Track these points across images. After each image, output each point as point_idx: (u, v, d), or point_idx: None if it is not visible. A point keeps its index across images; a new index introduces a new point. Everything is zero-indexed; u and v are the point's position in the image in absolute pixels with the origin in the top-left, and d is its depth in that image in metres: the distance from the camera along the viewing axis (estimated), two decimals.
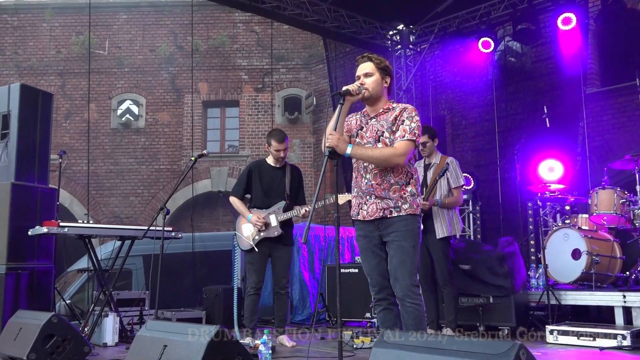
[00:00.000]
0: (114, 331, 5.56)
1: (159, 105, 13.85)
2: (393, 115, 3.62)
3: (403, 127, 3.55)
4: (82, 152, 13.18)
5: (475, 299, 5.99)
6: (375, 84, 3.62)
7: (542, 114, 7.61)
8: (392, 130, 3.59)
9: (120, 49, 13.99)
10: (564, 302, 5.93)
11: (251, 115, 13.77)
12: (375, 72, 3.63)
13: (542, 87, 9.16)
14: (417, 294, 3.45)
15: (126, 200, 13.46)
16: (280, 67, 13.91)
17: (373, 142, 3.61)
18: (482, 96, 10.05)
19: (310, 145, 13.63)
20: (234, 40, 14.07)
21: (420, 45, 10.23)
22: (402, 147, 3.51)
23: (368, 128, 3.67)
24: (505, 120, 9.59)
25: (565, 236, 6.28)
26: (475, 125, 10.24)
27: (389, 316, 3.59)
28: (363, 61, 3.67)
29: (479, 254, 6.10)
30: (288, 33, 13.92)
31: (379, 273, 3.58)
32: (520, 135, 8.98)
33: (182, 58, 13.87)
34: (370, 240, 3.62)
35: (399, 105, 3.67)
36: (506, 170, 9.08)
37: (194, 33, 13.53)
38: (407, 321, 3.43)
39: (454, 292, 5.58)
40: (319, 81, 13.64)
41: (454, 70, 10.45)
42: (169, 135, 13.74)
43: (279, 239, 5.39)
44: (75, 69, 13.83)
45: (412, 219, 3.55)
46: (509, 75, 9.68)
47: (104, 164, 13.53)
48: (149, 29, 14.11)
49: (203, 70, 13.87)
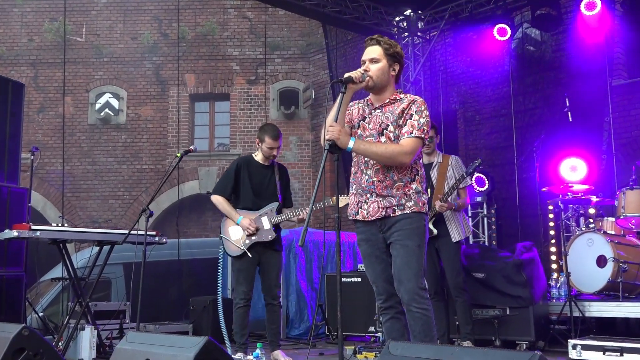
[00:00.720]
0: (91, 346, 5.53)
1: (141, 98, 13.85)
2: (400, 107, 3.61)
3: (411, 123, 3.54)
4: (56, 151, 13.18)
5: (490, 310, 5.98)
6: (380, 72, 3.60)
7: (563, 107, 7.61)
8: (397, 124, 3.58)
9: (99, 37, 14.00)
10: (588, 314, 5.92)
11: (243, 110, 13.78)
12: (383, 59, 3.61)
13: (564, 79, 9.16)
14: (424, 298, 3.44)
15: (105, 203, 13.45)
16: (275, 57, 13.92)
17: (376, 136, 3.60)
18: (498, 88, 10.06)
19: (309, 143, 13.64)
20: (224, 28, 14.09)
21: (429, 33, 10.25)
22: (409, 145, 3.50)
23: (371, 119, 3.66)
24: (523, 115, 9.59)
25: (590, 241, 6.27)
26: (490, 121, 10.24)
27: (396, 326, 3.58)
28: (370, 44, 3.66)
29: (495, 261, 6.10)
30: (284, 19, 13.93)
31: (385, 280, 3.57)
32: (539, 131, 8.99)
33: (167, 47, 13.88)
34: (373, 244, 3.61)
35: (407, 97, 3.65)
36: (524, 169, 9.09)
37: (180, 19, 13.54)
38: (414, 329, 3.42)
39: (468, 301, 5.60)
40: (318, 72, 13.66)
41: (467, 59, 10.47)
42: (152, 132, 13.75)
43: (271, 243, 5.38)
44: (49, 58, 13.83)
45: (417, 217, 3.55)
46: (527, 65, 9.69)
47: (80, 164, 13.53)
48: (130, 14, 14.13)
49: (190, 61, 13.88)
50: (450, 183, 5.69)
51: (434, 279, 5.59)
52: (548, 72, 9.45)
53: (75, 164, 13.48)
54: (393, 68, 3.65)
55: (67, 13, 13.14)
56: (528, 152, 8.74)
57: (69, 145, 13.33)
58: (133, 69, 13.90)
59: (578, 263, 6.27)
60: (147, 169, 13.59)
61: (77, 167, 13.50)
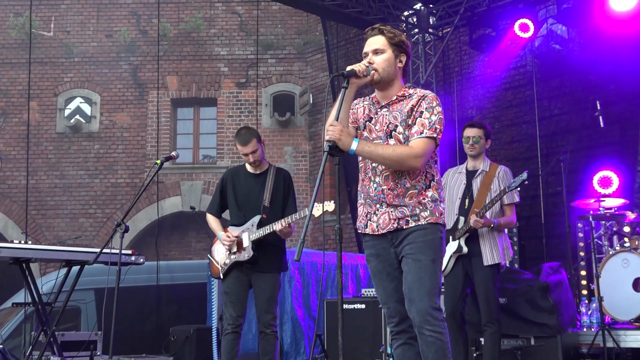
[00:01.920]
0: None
1: (116, 104, 13.90)
2: (409, 104, 3.61)
3: (421, 121, 3.55)
4: (20, 162, 13.20)
5: (513, 340, 5.96)
6: (386, 64, 3.61)
7: (594, 111, 7.62)
8: (407, 124, 3.58)
9: (69, 34, 14.08)
10: (623, 344, 5.91)
11: (232, 117, 13.81)
12: (388, 49, 3.63)
13: (594, 81, 9.19)
14: (438, 320, 3.42)
15: (74, 222, 13.44)
16: (268, 57, 13.99)
17: (384, 138, 3.60)
18: (520, 92, 10.10)
19: (306, 154, 13.66)
20: (210, 24, 14.17)
21: (442, 29, 10.29)
22: (419, 147, 3.50)
23: (377, 119, 3.67)
24: (548, 122, 9.62)
25: (625, 262, 6.27)
26: (511, 129, 10.27)
27: (408, 354, 3.57)
28: (373, 34, 3.67)
29: (517, 283, 6.08)
30: (278, 15, 14.02)
31: (397, 300, 3.56)
32: (567, 140, 9.01)
33: (145, 45, 13.95)
34: (384, 260, 3.60)
35: (416, 92, 3.66)
36: (550, 183, 9.09)
37: (161, 15, 13.63)
38: (426, 355, 3.40)
39: (498, 333, 5.45)
40: (317, 75, 13.72)
41: (484, 60, 10.51)
42: (128, 142, 13.77)
43: (255, 264, 5.37)
44: (12, 58, 13.89)
45: (432, 228, 3.54)
46: (552, 66, 9.72)
47: (47, 177, 13.54)
48: (104, 9, 14.21)
49: (172, 61, 13.95)
50: (492, 196, 5.58)
51: (453, 304, 5.48)
52: (576, 73, 9.49)
53: (41, 178, 13.49)
54: (400, 59, 3.66)
55: (33, 7, 13.21)
56: (554, 163, 8.73)
57: (35, 157, 13.35)
58: (107, 70, 13.96)
59: (612, 287, 6.26)
60: (123, 184, 13.60)
61: (44, 181, 13.51)
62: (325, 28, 10.65)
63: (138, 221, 12.94)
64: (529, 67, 9.89)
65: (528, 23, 9.03)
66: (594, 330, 6.10)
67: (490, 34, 9.61)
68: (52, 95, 13.89)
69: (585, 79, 9.35)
